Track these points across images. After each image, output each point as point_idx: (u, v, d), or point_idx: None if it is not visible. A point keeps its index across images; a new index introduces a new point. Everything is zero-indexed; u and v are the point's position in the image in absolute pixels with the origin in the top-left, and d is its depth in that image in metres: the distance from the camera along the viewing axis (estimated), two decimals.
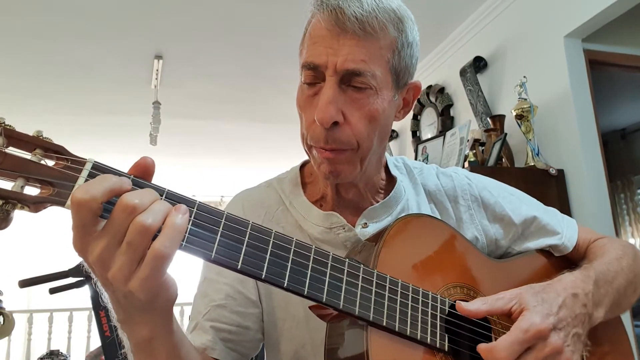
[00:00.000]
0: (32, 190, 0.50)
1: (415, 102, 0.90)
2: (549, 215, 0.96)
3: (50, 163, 0.51)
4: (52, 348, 4.39)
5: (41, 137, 0.51)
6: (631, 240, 5.12)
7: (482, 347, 0.66)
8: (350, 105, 0.74)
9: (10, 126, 0.49)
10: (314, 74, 0.74)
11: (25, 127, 0.52)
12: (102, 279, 0.52)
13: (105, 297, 0.55)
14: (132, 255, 0.50)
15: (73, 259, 2.43)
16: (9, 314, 2.84)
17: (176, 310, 5.43)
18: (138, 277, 0.50)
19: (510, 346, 0.65)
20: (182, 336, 0.64)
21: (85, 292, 2.40)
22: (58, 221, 7.00)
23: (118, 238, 0.50)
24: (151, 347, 0.58)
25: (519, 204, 0.94)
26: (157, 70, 3.64)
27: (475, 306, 0.70)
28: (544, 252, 0.95)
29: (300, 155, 0.85)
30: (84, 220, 0.49)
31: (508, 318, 0.71)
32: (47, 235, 7.24)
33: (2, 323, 2.80)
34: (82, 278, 2.40)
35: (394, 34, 0.74)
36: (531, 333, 0.66)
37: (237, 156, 6.23)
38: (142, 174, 0.55)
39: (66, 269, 2.41)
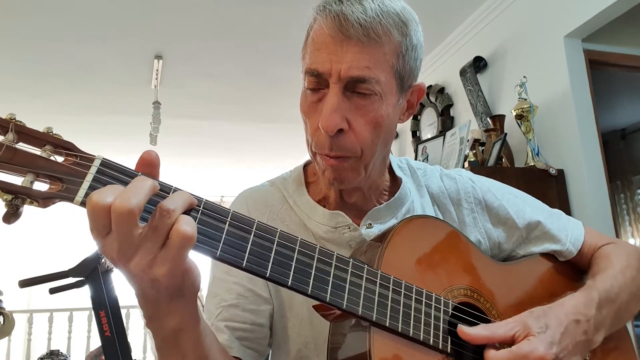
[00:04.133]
0: (41, 186, 0.51)
1: None
2: (554, 218, 0.96)
3: (60, 159, 0.52)
4: (52, 348, 4.40)
5: (51, 134, 0.51)
6: (631, 240, 5.11)
7: (486, 352, 0.67)
8: (355, 112, 0.73)
9: (20, 122, 0.49)
10: (318, 81, 0.74)
11: None
12: (127, 270, 0.52)
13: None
14: (157, 239, 0.50)
15: (73, 259, 2.44)
16: (9, 314, 2.84)
17: None
18: (164, 259, 0.51)
19: None
20: (206, 327, 0.64)
21: (85, 292, 2.39)
22: (58, 221, 7.01)
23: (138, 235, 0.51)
24: (178, 339, 0.59)
25: (523, 207, 0.94)
26: (157, 70, 3.64)
27: (475, 331, 0.70)
28: (549, 255, 0.94)
29: (300, 155, 0.85)
30: (101, 223, 0.50)
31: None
32: (47, 235, 7.24)
33: (2, 323, 2.80)
34: (82, 278, 2.39)
35: (398, 39, 0.74)
36: (530, 359, 0.66)
37: (237, 156, 6.23)
38: (147, 168, 0.55)
39: (66, 269, 2.41)
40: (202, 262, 0.58)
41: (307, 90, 0.76)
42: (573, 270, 0.95)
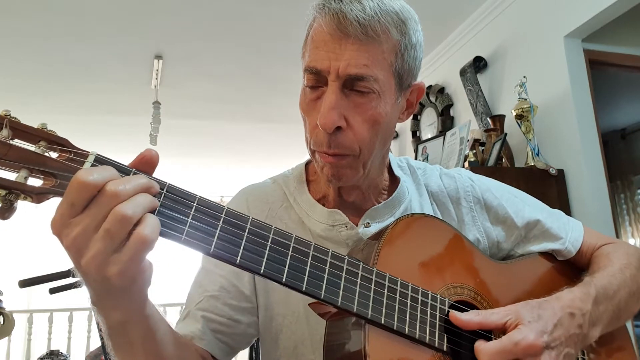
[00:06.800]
0: (35, 182, 0.51)
1: None
2: (554, 218, 0.96)
3: (54, 155, 0.52)
4: (52, 348, 4.40)
5: (45, 130, 0.52)
6: (631, 240, 5.11)
7: (475, 345, 0.67)
8: (353, 110, 0.74)
9: (15, 118, 0.50)
10: (317, 78, 0.74)
11: None
12: (76, 263, 0.51)
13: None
14: (109, 243, 0.49)
15: None
16: (9, 314, 2.84)
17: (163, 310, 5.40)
18: (119, 262, 0.50)
19: (496, 353, 0.65)
20: (158, 321, 0.63)
21: (85, 292, 2.39)
22: None
23: (95, 223, 0.49)
24: (125, 330, 0.58)
25: (522, 207, 0.94)
26: (157, 70, 3.64)
27: (468, 317, 0.70)
28: (547, 254, 0.94)
29: (300, 155, 0.85)
30: (77, 199, 0.49)
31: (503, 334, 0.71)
32: (47, 235, 7.23)
33: (2, 323, 2.80)
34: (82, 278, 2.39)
35: (397, 37, 0.74)
36: (521, 347, 0.66)
37: (237, 156, 6.24)
38: (144, 166, 0.56)
39: (66, 269, 2.40)
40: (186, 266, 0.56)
41: (306, 88, 0.77)
42: (572, 269, 0.95)
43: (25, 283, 2.32)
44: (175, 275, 6.09)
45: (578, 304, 0.76)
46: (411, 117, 0.89)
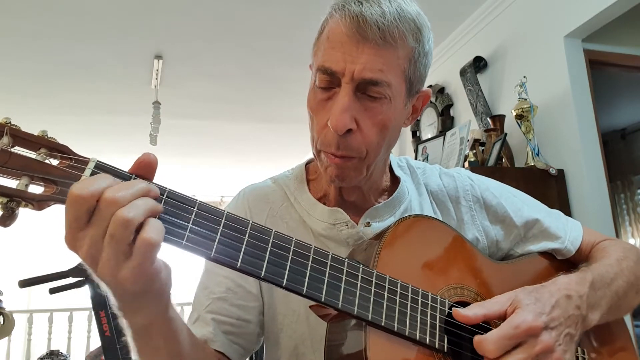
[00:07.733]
0: (36, 189, 0.51)
1: None
2: (553, 218, 0.96)
3: (55, 162, 0.52)
4: (52, 348, 4.40)
5: (46, 137, 0.52)
6: (631, 240, 5.12)
7: (475, 338, 0.67)
8: (364, 113, 0.74)
9: (16, 126, 0.50)
10: (330, 79, 0.74)
11: (25, 127, 0.53)
12: (95, 272, 0.52)
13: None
14: (116, 247, 0.50)
15: (73, 259, 2.44)
16: (9, 314, 2.84)
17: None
18: (129, 267, 0.51)
19: (499, 340, 0.66)
20: (181, 324, 0.64)
21: (85, 292, 2.39)
22: (58, 222, 7.01)
23: (101, 231, 0.50)
24: (149, 334, 0.59)
25: (522, 206, 0.94)
26: (157, 70, 3.64)
27: (472, 312, 0.70)
28: (547, 254, 0.95)
29: (301, 155, 0.85)
30: (79, 212, 0.50)
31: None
32: (47, 235, 7.24)
33: (2, 323, 2.80)
34: (82, 278, 2.39)
35: (413, 44, 0.74)
36: (522, 329, 0.66)
37: (237, 156, 6.24)
38: (144, 170, 0.56)
39: (66, 269, 2.41)
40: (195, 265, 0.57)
41: (317, 88, 0.76)
42: (571, 267, 0.95)
43: (25, 283, 2.32)
44: (175, 276, 6.09)
45: (574, 287, 0.77)
46: (415, 121, 0.90)
